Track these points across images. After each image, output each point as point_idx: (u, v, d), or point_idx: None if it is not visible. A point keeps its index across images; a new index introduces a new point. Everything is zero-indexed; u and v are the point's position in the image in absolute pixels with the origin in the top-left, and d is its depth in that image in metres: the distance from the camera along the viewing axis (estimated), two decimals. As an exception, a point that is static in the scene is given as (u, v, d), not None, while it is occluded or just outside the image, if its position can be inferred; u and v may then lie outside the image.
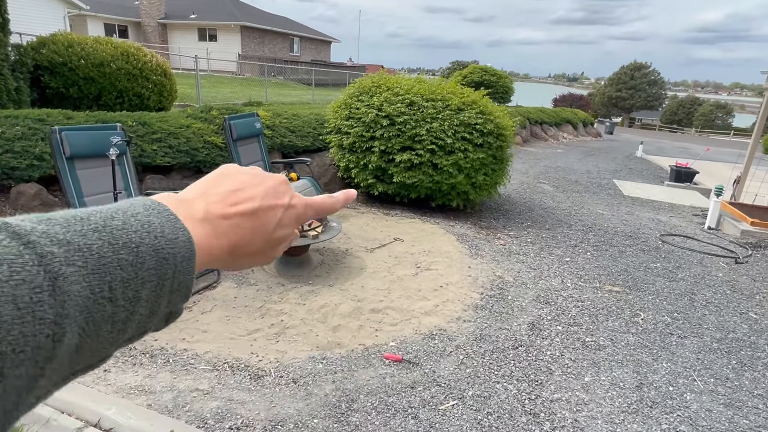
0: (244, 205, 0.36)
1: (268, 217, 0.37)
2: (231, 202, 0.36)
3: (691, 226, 6.41)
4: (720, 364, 3.00)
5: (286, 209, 0.38)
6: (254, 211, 0.36)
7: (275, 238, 0.38)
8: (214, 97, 12.11)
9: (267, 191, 0.38)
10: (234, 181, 0.37)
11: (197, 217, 0.34)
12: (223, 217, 0.35)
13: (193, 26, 26.92)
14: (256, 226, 0.36)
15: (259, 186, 0.38)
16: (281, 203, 0.38)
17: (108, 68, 6.15)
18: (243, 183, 0.37)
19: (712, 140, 28.21)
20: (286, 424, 2.14)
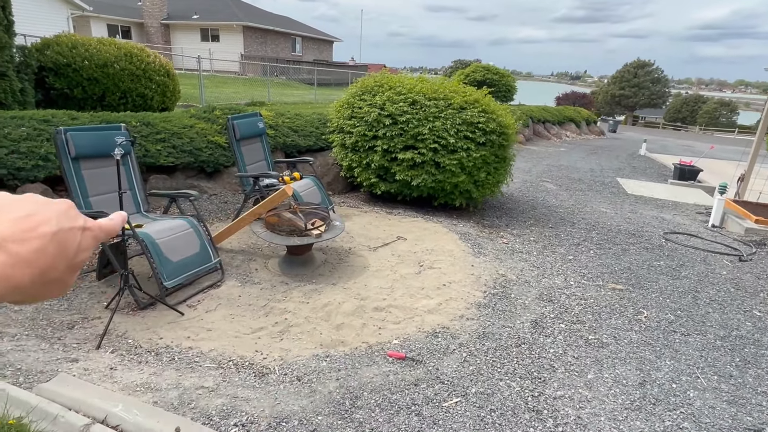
0: (42, 228, 0.34)
1: (68, 240, 0.36)
2: (26, 228, 0.34)
3: (695, 224, 6.39)
4: (723, 362, 3.00)
5: (83, 231, 0.38)
6: (54, 234, 0.35)
7: (76, 263, 0.37)
8: (217, 97, 12.15)
9: (60, 214, 0.36)
10: (21, 208, 0.35)
11: None
12: (21, 243, 0.33)
13: (196, 27, 26.99)
14: (58, 250, 0.35)
15: (50, 209, 0.36)
16: (78, 225, 0.37)
17: (112, 69, 6.18)
18: (31, 208, 0.35)
19: (717, 138, 28.07)
20: (291, 421, 2.15)
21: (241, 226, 3.90)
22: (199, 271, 3.33)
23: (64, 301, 3.02)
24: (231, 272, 3.63)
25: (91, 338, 2.68)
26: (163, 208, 3.83)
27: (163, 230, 3.21)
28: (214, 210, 4.97)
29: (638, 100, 40.27)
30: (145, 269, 3.46)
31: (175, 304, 3.08)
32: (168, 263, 3.09)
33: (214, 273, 3.51)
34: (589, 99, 30.79)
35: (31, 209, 0.35)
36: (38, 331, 2.69)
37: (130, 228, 2.97)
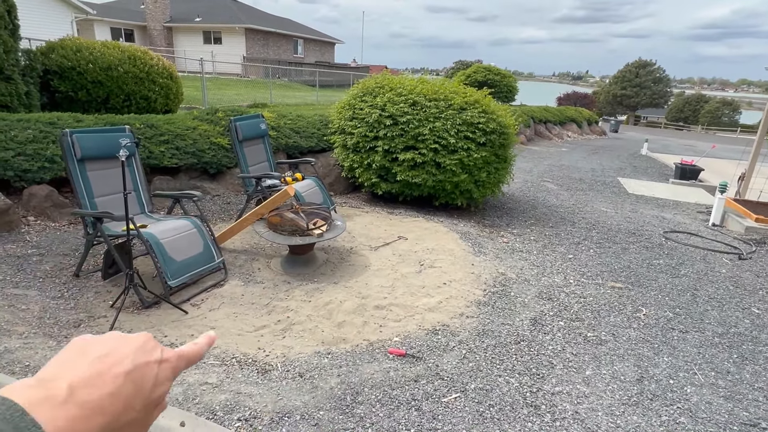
0: (116, 368, 0.34)
1: (144, 377, 0.35)
2: (101, 370, 0.33)
3: (695, 223, 6.41)
4: (721, 358, 3.03)
5: (160, 364, 0.37)
6: (128, 373, 0.34)
7: (154, 399, 0.36)
8: (219, 99, 12.22)
9: (136, 350, 0.36)
10: (98, 348, 0.35)
11: (59, 397, 0.30)
12: (94, 389, 0.32)
13: (198, 29, 27.12)
14: (133, 389, 0.34)
15: (126, 346, 0.36)
16: (154, 359, 0.36)
17: (116, 72, 6.25)
18: (108, 347, 0.35)
19: (719, 137, 28.02)
20: (293, 416, 2.20)
21: (243, 226, 3.95)
22: (202, 270, 3.38)
23: (71, 300, 3.07)
24: (234, 271, 3.68)
25: (97, 336, 2.72)
26: (167, 209, 3.89)
27: (167, 230, 3.26)
28: (217, 210, 5.02)
29: (640, 99, 40.22)
30: (150, 269, 3.51)
31: (179, 302, 3.13)
32: (172, 263, 3.14)
33: (217, 272, 3.56)
34: (591, 99, 30.78)
35: (107, 349, 0.35)
36: (45, 330, 2.74)
37: (135, 228, 3.02)
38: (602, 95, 42.03)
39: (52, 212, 4.12)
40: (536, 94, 41.42)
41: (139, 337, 0.38)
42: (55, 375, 0.32)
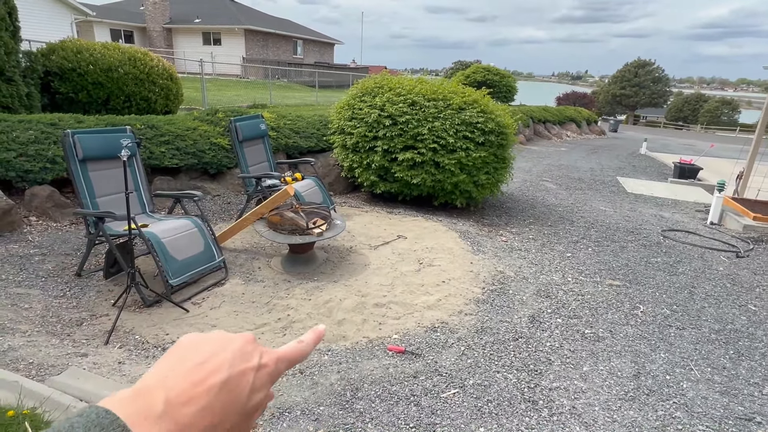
0: (211, 379, 0.33)
1: (239, 386, 0.34)
2: (196, 381, 0.33)
3: (693, 222, 6.44)
4: (717, 354, 3.06)
5: (257, 371, 0.35)
6: (223, 383, 0.33)
7: (251, 407, 0.35)
8: (219, 100, 12.26)
9: (234, 356, 0.35)
10: (197, 354, 0.34)
11: (156, 412, 0.30)
12: (188, 403, 0.31)
13: (198, 30, 27.17)
14: (227, 400, 0.33)
15: (225, 351, 0.35)
16: (251, 366, 0.35)
17: (116, 73, 6.29)
18: (207, 353, 0.35)
19: (718, 137, 28.05)
20: (294, 411, 2.23)
21: (244, 226, 3.98)
22: (203, 269, 3.41)
23: (73, 299, 3.10)
24: (235, 270, 3.71)
25: (100, 334, 2.76)
26: (168, 209, 3.92)
27: (168, 230, 3.29)
28: (218, 210, 5.05)
29: (639, 99, 40.26)
30: (151, 268, 3.54)
31: (181, 301, 3.16)
32: (173, 262, 3.17)
33: (218, 271, 3.59)
34: (590, 99, 30.81)
35: (203, 356, 0.34)
36: (48, 328, 2.77)
37: (137, 227, 3.05)
38: (601, 95, 42.07)
39: (53, 212, 4.15)
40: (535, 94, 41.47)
41: (238, 340, 0.37)
42: (154, 386, 0.32)
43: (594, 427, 2.28)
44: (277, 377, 0.37)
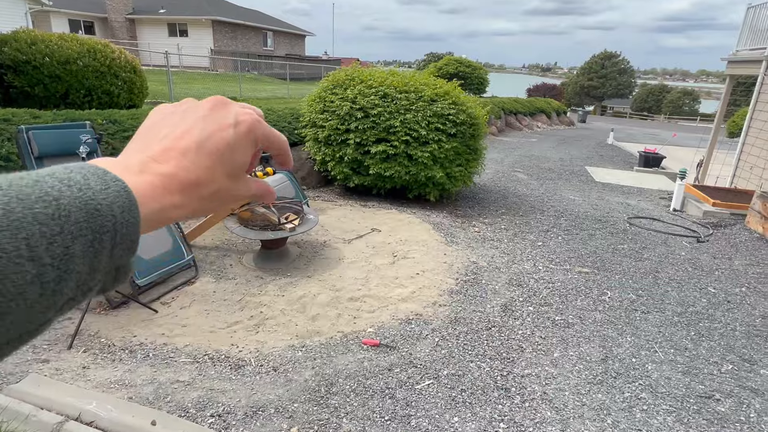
0: (184, 141, 0.33)
1: (218, 144, 0.33)
2: (169, 146, 0.33)
3: (657, 209, 6.67)
4: (680, 336, 3.18)
5: (234, 127, 0.34)
6: (199, 144, 0.33)
7: (236, 167, 0.35)
8: (186, 93, 11.92)
9: (205, 118, 0.34)
10: (166, 124, 0.34)
11: (133, 170, 0.31)
12: (165, 164, 0.32)
13: (163, 21, 26.26)
14: (208, 160, 0.33)
15: (196, 114, 0.35)
16: (226, 123, 0.34)
17: (74, 66, 6.01)
18: (177, 119, 0.35)
19: (680, 126, 29.10)
20: (267, 409, 2.20)
21: (214, 223, 3.89)
22: (172, 268, 3.32)
23: (33, 302, 2.97)
24: (205, 268, 3.63)
25: (62, 339, 2.65)
26: (133, 207, 3.78)
27: (133, 228, 3.18)
28: (187, 207, 4.92)
29: (606, 90, 41.29)
30: (117, 268, 3.42)
31: (149, 301, 3.07)
32: (140, 261, 3.07)
33: (187, 270, 3.50)
34: (559, 90, 31.43)
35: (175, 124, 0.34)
36: (6, 334, 2.64)
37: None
38: (570, 86, 42.95)
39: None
40: (507, 85, 41.98)
41: (209, 102, 0.36)
42: (130, 155, 0.33)
43: (564, 412, 2.34)
44: (257, 137, 0.36)
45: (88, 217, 0.26)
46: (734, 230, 5.68)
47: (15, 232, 0.23)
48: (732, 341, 3.16)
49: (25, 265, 0.23)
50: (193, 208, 0.33)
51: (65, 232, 0.25)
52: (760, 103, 7.83)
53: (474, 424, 2.22)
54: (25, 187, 0.24)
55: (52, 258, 0.24)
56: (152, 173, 0.31)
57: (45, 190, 0.25)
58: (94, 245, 0.26)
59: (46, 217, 0.24)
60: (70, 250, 0.25)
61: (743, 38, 9.01)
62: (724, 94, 9.59)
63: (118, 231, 0.27)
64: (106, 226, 0.27)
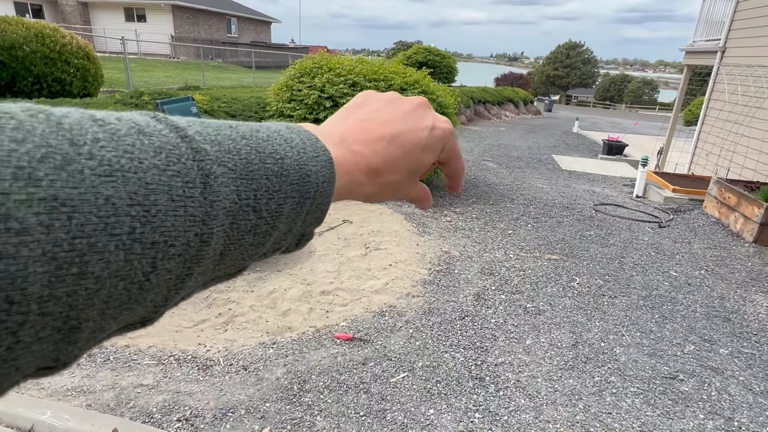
0: (384, 129, 0.34)
1: (411, 141, 0.35)
2: (369, 128, 0.34)
3: (621, 196, 6.87)
4: (645, 319, 3.28)
5: (430, 131, 0.36)
6: (394, 135, 0.34)
7: (420, 166, 0.36)
8: (146, 81, 11.40)
9: (406, 114, 0.35)
10: (370, 108, 0.36)
11: (333, 141, 0.32)
12: (361, 143, 0.33)
13: (119, 5, 25.01)
14: (398, 153, 0.34)
15: (400, 108, 0.36)
16: (424, 125, 0.35)
17: (21, 51, 5.62)
18: (379, 109, 0.36)
19: (641, 115, 30.13)
20: (238, 410, 2.12)
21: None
22: (132, 265, 3.16)
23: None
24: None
25: (13, 344, 2.48)
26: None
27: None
28: (148, 201, 4.71)
29: (571, 80, 42.28)
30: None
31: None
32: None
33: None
34: (526, 80, 31.93)
35: (375, 111, 0.35)
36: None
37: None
38: (537, 76, 43.73)
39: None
40: (475, 74, 42.35)
41: (414, 100, 0.37)
42: (330, 126, 0.34)
43: (537, 398, 2.37)
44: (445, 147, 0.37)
45: (300, 180, 0.27)
46: (693, 215, 5.92)
47: (250, 182, 0.24)
48: (693, 322, 3.28)
49: (250, 214, 0.24)
50: (370, 192, 0.34)
51: (282, 190, 0.26)
52: (716, 93, 8.15)
53: (450, 415, 2.21)
54: (261, 141, 0.26)
55: (268, 213, 0.25)
56: (347, 148, 0.32)
57: (275, 147, 0.27)
58: (297, 208, 0.28)
59: (273, 174, 0.26)
60: (282, 207, 0.26)
61: (699, 30, 9.33)
62: (682, 84, 9.94)
63: (317, 198, 0.29)
64: (310, 192, 0.28)
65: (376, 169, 0.33)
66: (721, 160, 7.23)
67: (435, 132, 0.36)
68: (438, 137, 0.36)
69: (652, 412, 2.34)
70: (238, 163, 0.24)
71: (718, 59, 8.05)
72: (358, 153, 0.33)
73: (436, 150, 0.36)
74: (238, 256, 0.25)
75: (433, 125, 0.36)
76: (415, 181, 0.37)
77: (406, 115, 0.35)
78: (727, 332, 3.19)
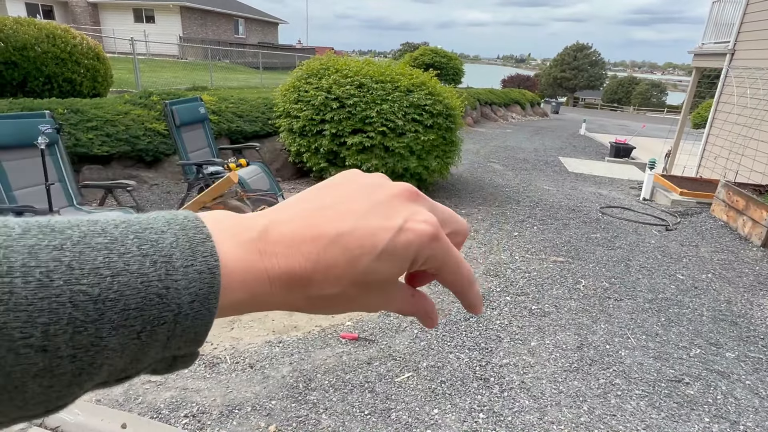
0: (325, 227, 0.26)
1: (361, 245, 0.26)
2: (306, 224, 0.26)
3: (628, 198, 6.84)
4: (651, 322, 3.27)
5: (396, 233, 0.26)
6: (338, 236, 0.25)
7: (375, 277, 0.26)
8: (154, 82, 11.50)
9: (374, 206, 0.27)
10: (338, 193, 0.28)
11: (246, 236, 0.25)
12: (287, 244, 0.25)
13: (128, 6, 25.25)
14: (341, 256, 0.25)
15: (367, 198, 0.28)
16: (390, 225, 0.26)
17: (32, 52, 5.69)
18: (341, 195, 0.28)
19: (648, 117, 29.94)
20: (244, 408, 2.15)
21: (185, 216, 3.76)
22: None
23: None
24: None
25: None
26: (99, 200, 3.62)
27: (98, 223, 3.04)
28: (156, 200, 4.75)
29: (578, 82, 42.11)
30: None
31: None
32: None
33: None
34: (533, 81, 31.84)
35: (337, 198, 0.27)
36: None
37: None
38: (544, 77, 43.59)
39: (-37, 208, 3.72)
40: (482, 76, 42.29)
41: (393, 189, 0.29)
42: (262, 215, 0.27)
43: (542, 400, 2.37)
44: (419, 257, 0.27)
45: (143, 304, 0.20)
46: (700, 218, 5.88)
47: (35, 315, 0.18)
48: (699, 326, 3.27)
49: (32, 357, 0.18)
50: (298, 305, 0.27)
51: (104, 319, 0.20)
52: (724, 95, 8.10)
53: (454, 415, 2.22)
54: (89, 251, 0.20)
55: (75, 349, 0.19)
56: (260, 248, 0.25)
57: (109, 258, 0.20)
58: (141, 337, 0.21)
59: (87, 299, 0.19)
60: (103, 341, 0.20)
61: (708, 32, 9.28)
62: (691, 86, 9.88)
63: (180, 323, 0.22)
64: (163, 318, 0.21)
65: (300, 277, 0.25)
66: (730, 164, 7.18)
67: (403, 236, 0.26)
68: (405, 243, 0.26)
69: (657, 414, 2.34)
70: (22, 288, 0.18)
71: (727, 62, 8.00)
72: (273, 255, 0.25)
73: (401, 259, 0.26)
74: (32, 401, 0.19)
75: (402, 226, 0.26)
76: (376, 294, 0.28)
77: (372, 208, 0.27)
78: (734, 336, 3.17)
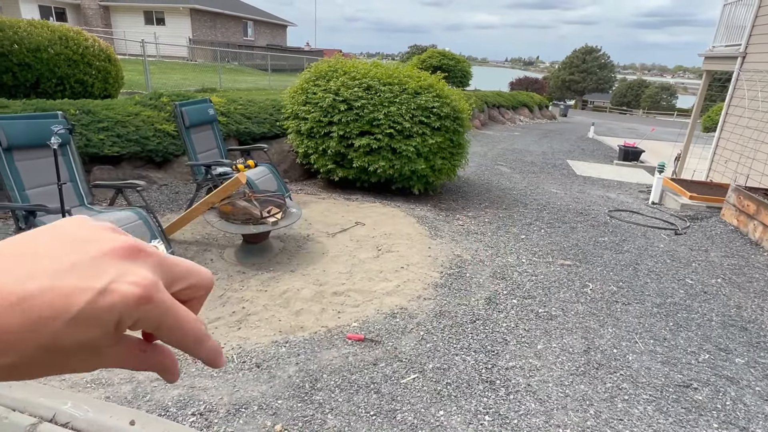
0: (13, 285, 0.23)
1: (47, 308, 0.23)
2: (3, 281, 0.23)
3: (636, 202, 6.79)
4: (659, 327, 3.24)
5: (97, 295, 0.23)
6: (24, 297, 0.22)
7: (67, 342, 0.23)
8: (164, 83, 11.61)
9: (80, 263, 0.24)
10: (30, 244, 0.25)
11: None
12: None
13: (139, 9, 25.52)
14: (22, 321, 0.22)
15: (74, 252, 0.25)
16: (89, 285, 0.23)
17: (45, 53, 5.78)
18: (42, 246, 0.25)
19: (658, 120, 29.70)
20: (250, 407, 2.16)
21: (194, 217, 3.80)
22: (150, 263, 3.22)
23: None
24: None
25: (35, 337, 2.56)
26: (109, 200, 3.67)
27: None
28: (165, 201, 4.80)
29: (587, 85, 41.88)
30: (92, 264, 3.31)
31: (126, 298, 2.98)
32: (116, 256, 2.98)
33: (166, 265, 3.41)
34: (542, 84, 31.70)
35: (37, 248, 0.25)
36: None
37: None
38: (552, 80, 43.41)
39: (-23, 207, 3.79)
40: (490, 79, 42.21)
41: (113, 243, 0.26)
42: None
43: (548, 403, 2.36)
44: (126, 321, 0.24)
45: None
46: (710, 223, 5.82)
47: None
48: (708, 331, 3.24)
49: None
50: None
51: None
52: (735, 99, 8.01)
53: (459, 417, 2.22)
54: None
55: None
56: None
57: None
58: None
59: None
60: None
61: (719, 35, 9.19)
62: (701, 90, 9.79)
63: None
64: None
65: None
66: (740, 168, 7.10)
67: (106, 298, 0.23)
68: (108, 306, 0.23)
69: (665, 419, 2.32)
70: None
71: (738, 65, 7.92)
72: None
73: (102, 323, 0.24)
74: None
75: (106, 288, 0.24)
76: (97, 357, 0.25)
77: (75, 266, 0.24)
78: (744, 342, 3.14)
